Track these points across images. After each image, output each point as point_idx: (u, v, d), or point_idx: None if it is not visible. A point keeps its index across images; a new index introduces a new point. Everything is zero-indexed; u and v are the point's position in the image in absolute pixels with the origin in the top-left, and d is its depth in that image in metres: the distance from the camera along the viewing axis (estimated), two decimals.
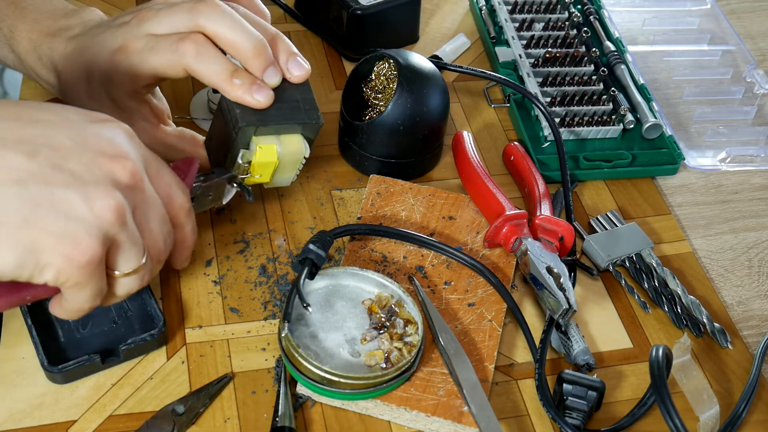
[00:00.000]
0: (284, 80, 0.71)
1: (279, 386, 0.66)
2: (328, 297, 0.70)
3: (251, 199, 0.72)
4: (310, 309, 0.67)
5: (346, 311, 0.69)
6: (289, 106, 0.71)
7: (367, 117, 0.82)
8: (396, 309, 0.69)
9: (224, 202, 0.72)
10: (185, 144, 0.76)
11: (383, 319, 0.68)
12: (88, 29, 0.73)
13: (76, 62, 0.72)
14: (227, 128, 0.70)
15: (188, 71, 0.69)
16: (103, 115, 0.58)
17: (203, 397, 0.65)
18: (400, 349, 0.66)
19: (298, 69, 0.71)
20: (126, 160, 0.56)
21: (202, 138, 0.76)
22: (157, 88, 0.77)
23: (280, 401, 0.65)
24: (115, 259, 0.56)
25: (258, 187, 0.80)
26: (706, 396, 0.69)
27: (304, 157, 0.73)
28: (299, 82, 0.71)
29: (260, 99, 0.69)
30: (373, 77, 0.82)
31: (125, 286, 0.58)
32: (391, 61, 0.80)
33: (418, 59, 0.81)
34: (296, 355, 0.64)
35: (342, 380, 0.63)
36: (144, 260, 0.58)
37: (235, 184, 0.71)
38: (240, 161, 0.70)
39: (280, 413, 0.64)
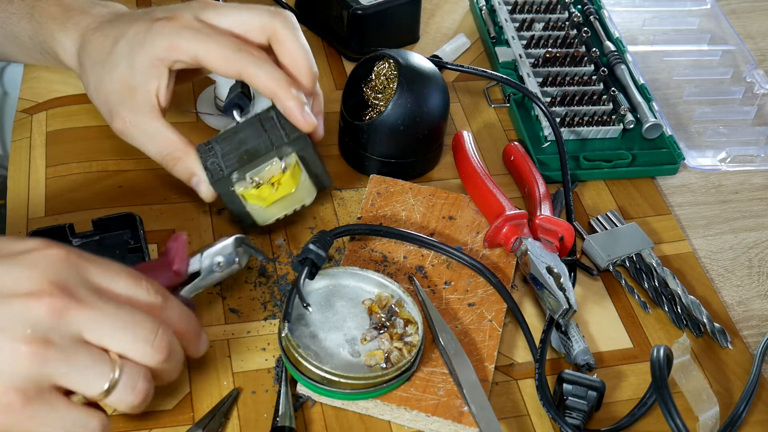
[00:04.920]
0: None
1: (279, 386, 0.66)
2: (328, 297, 0.70)
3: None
4: (310, 309, 0.67)
5: (346, 311, 0.69)
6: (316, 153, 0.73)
7: (367, 117, 0.82)
8: (396, 309, 0.69)
9: (242, 265, 0.68)
10: (172, 142, 0.71)
11: (383, 319, 0.68)
12: (121, 14, 0.74)
13: (108, 28, 0.71)
14: (263, 137, 0.71)
15: (243, 75, 0.69)
16: (27, 244, 0.54)
17: (218, 416, 0.64)
18: (400, 349, 0.66)
19: (321, 128, 0.74)
20: (42, 293, 0.52)
21: (193, 145, 0.72)
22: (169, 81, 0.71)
23: (281, 401, 0.65)
24: (76, 386, 0.53)
25: None
26: (706, 396, 0.69)
27: (303, 205, 0.74)
28: (315, 140, 0.73)
29: (309, 119, 0.70)
30: (373, 77, 0.82)
31: (118, 401, 0.55)
32: (391, 61, 0.80)
33: (418, 59, 0.81)
34: (296, 355, 0.64)
35: (342, 380, 0.63)
36: (115, 374, 0.54)
37: (243, 245, 0.68)
38: (266, 170, 0.71)
39: (280, 413, 0.64)
